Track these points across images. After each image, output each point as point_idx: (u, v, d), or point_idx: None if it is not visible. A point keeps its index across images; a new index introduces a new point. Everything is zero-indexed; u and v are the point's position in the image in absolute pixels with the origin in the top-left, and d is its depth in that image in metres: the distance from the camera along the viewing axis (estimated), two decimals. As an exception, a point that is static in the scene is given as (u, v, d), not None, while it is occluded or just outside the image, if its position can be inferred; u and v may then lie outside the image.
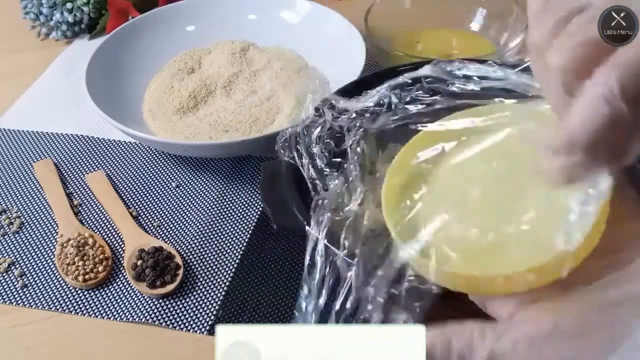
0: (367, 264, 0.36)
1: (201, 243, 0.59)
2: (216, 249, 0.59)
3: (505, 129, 0.38)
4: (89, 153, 0.70)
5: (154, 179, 0.66)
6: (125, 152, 0.70)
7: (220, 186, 0.65)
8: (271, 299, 0.54)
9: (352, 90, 0.56)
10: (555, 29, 0.32)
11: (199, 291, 0.55)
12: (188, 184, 0.65)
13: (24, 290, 0.56)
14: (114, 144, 0.71)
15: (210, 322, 0.53)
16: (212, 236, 0.60)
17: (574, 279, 0.31)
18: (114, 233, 0.61)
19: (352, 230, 0.38)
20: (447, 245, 0.35)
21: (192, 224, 0.61)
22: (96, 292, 0.56)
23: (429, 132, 0.41)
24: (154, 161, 0.69)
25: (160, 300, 0.54)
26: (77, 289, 0.56)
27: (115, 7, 0.86)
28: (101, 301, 0.55)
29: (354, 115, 0.44)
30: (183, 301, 0.54)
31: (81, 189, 0.66)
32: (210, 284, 0.56)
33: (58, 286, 0.57)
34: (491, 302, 0.34)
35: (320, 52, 0.76)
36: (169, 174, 0.67)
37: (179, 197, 0.64)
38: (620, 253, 0.32)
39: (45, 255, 0.59)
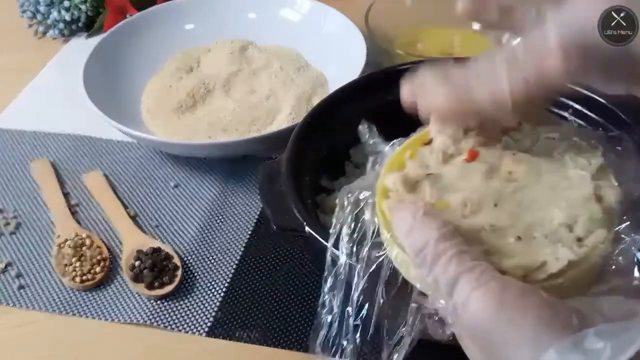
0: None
1: (200, 244, 0.59)
2: (215, 249, 0.58)
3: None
4: (86, 152, 0.70)
5: (152, 178, 0.66)
6: (123, 151, 0.69)
7: (220, 186, 0.64)
8: (271, 299, 0.53)
9: (353, 93, 0.56)
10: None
11: (197, 292, 0.55)
12: (187, 184, 0.65)
13: (21, 291, 0.56)
14: (112, 143, 0.70)
15: (209, 324, 0.52)
16: (211, 237, 0.59)
17: None
18: (111, 233, 0.60)
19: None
20: None
21: (190, 225, 0.61)
22: (93, 293, 0.55)
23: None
24: (152, 161, 0.68)
25: (159, 302, 0.54)
26: (74, 290, 0.55)
27: (113, 5, 0.85)
28: (98, 302, 0.54)
29: None
30: (182, 302, 0.54)
31: (78, 189, 0.65)
32: (209, 285, 0.55)
33: (55, 287, 0.56)
34: None
35: (321, 51, 0.76)
36: (168, 173, 0.66)
37: (177, 197, 0.64)
38: None
39: (42, 256, 0.59)
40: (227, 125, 0.68)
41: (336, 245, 0.37)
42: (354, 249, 0.36)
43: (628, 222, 0.34)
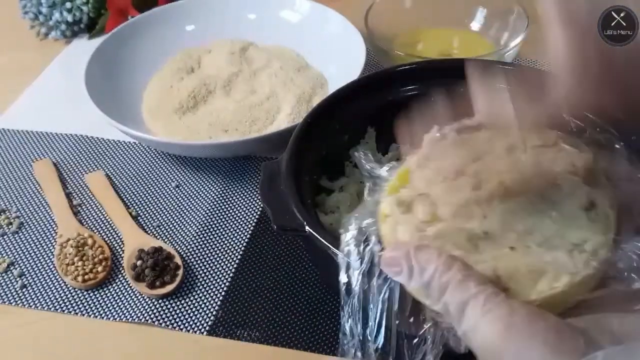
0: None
1: (201, 243, 0.59)
2: (216, 249, 0.59)
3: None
4: (88, 153, 0.70)
5: (154, 179, 0.66)
6: (125, 152, 0.70)
7: (220, 186, 0.65)
8: (271, 298, 0.54)
9: (352, 93, 0.56)
10: None
11: (198, 291, 0.55)
12: (188, 184, 0.65)
13: (23, 290, 0.56)
14: (114, 143, 0.71)
15: (210, 323, 0.52)
16: (211, 236, 0.60)
17: None
18: (113, 233, 0.61)
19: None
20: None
21: (191, 224, 0.61)
22: (95, 293, 0.56)
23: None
24: (153, 161, 0.68)
25: (160, 301, 0.54)
26: (76, 289, 0.56)
27: (115, 7, 0.85)
28: (100, 301, 0.55)
29: None
30: (182, 301, 0.54)
31: (80, 189, 0.66)
32: (210, 284, 0.55)
33: (57, 286, 0.56)
34: None
35: (320, 52, 0.76)
36: (169, 174, 0.67)
37: (178, 197, 0.64)
38: None
39: (45, 256, 0.59)
40: (228, 125, 0.69)
41: (348, 273, 0.37)
42: (365, 278, 0.36)
43: (624, 226, 0.34)
